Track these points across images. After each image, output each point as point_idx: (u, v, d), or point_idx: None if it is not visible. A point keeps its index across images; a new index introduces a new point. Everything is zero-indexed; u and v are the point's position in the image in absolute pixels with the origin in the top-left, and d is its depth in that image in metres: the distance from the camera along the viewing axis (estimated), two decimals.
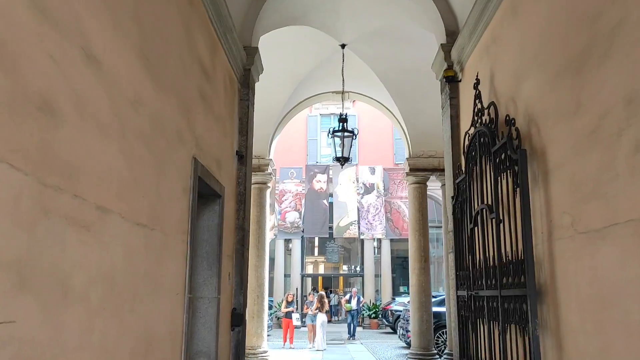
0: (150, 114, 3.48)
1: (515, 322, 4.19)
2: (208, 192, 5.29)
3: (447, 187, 6.73)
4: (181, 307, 4.13)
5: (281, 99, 11.10)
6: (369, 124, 24.17)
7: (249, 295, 11.25)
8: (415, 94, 10.88)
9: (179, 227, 4.10)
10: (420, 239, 11.21)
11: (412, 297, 11.19)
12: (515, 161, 4.17)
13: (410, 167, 11.53)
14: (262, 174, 11.57)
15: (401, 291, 25.33)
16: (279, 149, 24.47)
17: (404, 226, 21.50)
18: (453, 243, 6.29)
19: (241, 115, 6.67)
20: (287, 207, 22.05)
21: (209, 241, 5.41)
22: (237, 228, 6.41)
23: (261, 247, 11.26)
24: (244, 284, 6.35)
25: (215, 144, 5.41)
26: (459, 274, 6.00)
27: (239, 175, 6.52)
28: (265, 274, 11.21)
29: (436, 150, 11.56)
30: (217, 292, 5.34)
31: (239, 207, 6.46)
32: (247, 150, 6.69)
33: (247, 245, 6.63)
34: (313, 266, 27.91)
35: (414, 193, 11.49)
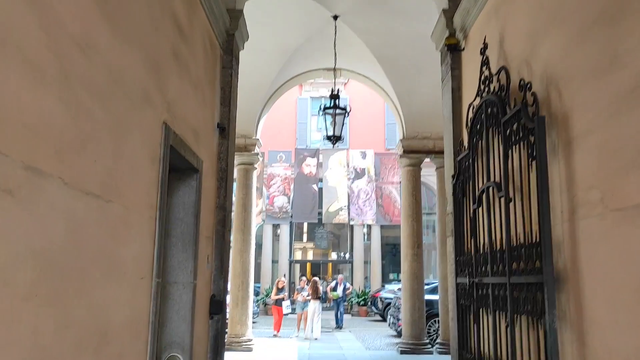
0: (107, 64, 2.91)
1: (527, 313, 3.70)
2: (183, 165, 4.73)
3: (447, 166, 6.22)
4: (147, 293, 3.60)
5: (269, 75, 10.52)
6: (360, 107, 23.58)
7: (233, 281, 10.76)
8: (410, 71, 10.35)
9: (145, 201, 3.55)
10: (413, 224, 10.75)
11: (404, 284, 10.75)
12: (531, 130, 3.66)
13: (404, 149, 11.03)
14: (248, 154, 11.03)
15: (391, 278, 24.96)
16: (268, 132, 23.91)
17: (394, 212, 21.06)
18: (452, 226, 5.80)
19: (223, 85, 6.10)
20: (276, 191, 21.50)
21: (185, 220, 4.87)
22: (218, 207, 5.87)
23: (247, 230, 10.75)
24: (224, 268, 5.82)
25: (192, 112, 4.84)
26: (459, 259, 5.52)
27: (220, 150, 5.97)
28: (250, 259, 10.70)
29: (431, 132, 11.06)
30: (193, 277, 4.81)
31: (220, 185, 5.91)
32: (230, 123, 6.13)
33: (229, 227, 6.09)
34: (302, 252, 27.45)
35: (408, 176, 11.00)
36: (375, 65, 10.47)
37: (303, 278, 15.26)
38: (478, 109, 4.90)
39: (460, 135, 5.91)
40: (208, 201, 5.54)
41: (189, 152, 4.62)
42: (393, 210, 21.11)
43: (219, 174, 5.92)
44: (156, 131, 3.77)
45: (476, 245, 4.90)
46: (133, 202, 3.31)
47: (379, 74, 10.71)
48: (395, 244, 27.65)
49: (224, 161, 5.96)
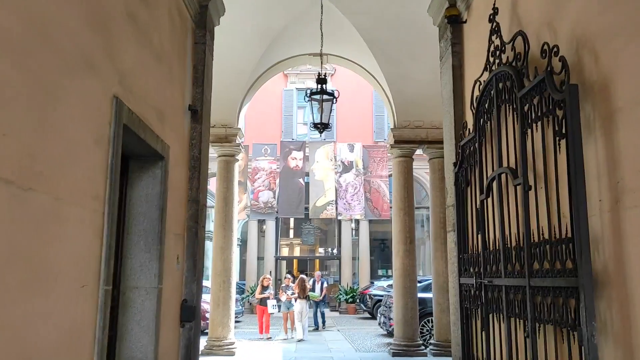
0: (25, 10, 2.22)
1: (554, 323, 3.08)
2: (145, 151, 4.04)
3: (447, 153, 5.59)
4: (91, 304, 2.92)
5: (250, 60, 9.81)
6: (348, 98, 22.84)
7: (213, 280, 10.07)
8: (402, 55, 9.70)
9: (87, 191, 2.86)
10: (405, 219, 10.13)
11: (396, 281, 10.13)
12: (559, 103, 3.03)
13: (394, 139, 10.39)
14: (229, 146, 10.33)
15: (380, 274, 24.41)
16: (252, 125, 23.15)
17: (384, 207, 20.45)
18: (454, 220, 5.18)
19: (196, 62, 5.40)
20: (260, 185, 20.76)
21: (148, 215, 4.18)
22: (190, 201, 5.18)
23: (228, 226, 10.06)
24: (197, 269, 5.14)
25: (155, 89, 4.15)
26: (462, 257, 4.90)
27: (192, 135, 5.28)
28: (232, 256, 10.01)
29: (423, 121, 10.44)
30: (157, 280, 4.12)
31: (193, 175, 5.22)
32: (204, 106, 5.44)
33: (203, 223, 5.41)
34: (288, 248, 26.78)
35: (399, 167, 10.37)
36: (364, 49, 9.80)
37: (288, 276, 14.53)
38: (486, 85, 4.27)
39: (463, 117, 5.28)
40: (178, 193, 4.86)
41: (151, 135, 3.93)
42: (382, 205, 20.49)
43: (190, 163, 5.23)
44: (103, 105, 3.08)
45: (484, 242, 4.28)
46: (68, 191, 2.62)
47: (369, 59, 10.05)
48: (384, 239, 27.08)
49: (196, 148, 5.27)
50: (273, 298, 13.35)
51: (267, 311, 13.18)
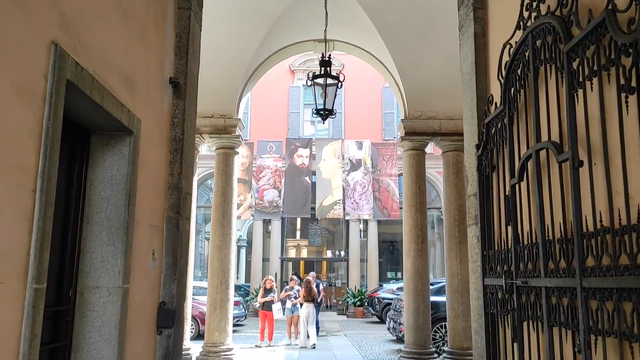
0: None
1: (619, 335, 2.35)
2: (106, 123, 3.36)
3: (467, 135, 4.85)
4: (13, 307, 2.23)
5: (250, 45, 9.14)
6: (356, 95, 22.29)
7: (210, 282, 9.38)
8: (413, 40, 8.99)
9: (7, 160, 2.17)
10: (417, 216, 9.40)
11: (407, 284, 9.40)
12: (626, 48, 2.30)
13: (405, 130, 9.67)
14: (228, 137, 9.66)
15: (389, 277, 23.66)
16: (258, 122, 22.52)
17: (393, 206, 19.70)
18: (476, 211, 4.44)
19: (180, 30, 4.72)
20: (265, 184, 20.07)
21: (112, 201, 3.49)
22: (170, 188, 4.49)
23: (226, 224, 9.39)
24: (179, 266, 4.45)
25: (121, 50, 3.47)
26: (486, 254, 4.16)
27: (174, 112, 4.59)
28: (231, 256, 9.33)
29: (436, 111, 9.72)
30: (123, 279, 3.43)
31: (174, 159, 4.53)
32: (189, 80, 4.75)
33: (187, 214, 4.72)
34: (295, 250, 26.10)
35: (410, 161, 9.65)
36: (372, 34, 9.10)
37: (294, 277, 13.75)
38: (519, 45, 3.54)
39: (486, 92, 4.55)
40: (154, 178, 4.17)
41: (113, 102, 3.24)
42: (391, 205, 19.74)
43: (171, 144, 4.54)
44: (35, 52, 2.40)
45: (516, 234, 3.55)
46: None
47: (377, 44, 9.35)
48: (393, 240, 26.32)
49: (179, 127, 4.58)
50: (278, 301, 12.45)
51: (272, 316, 12.25)
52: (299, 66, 22.87)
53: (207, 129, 9.62)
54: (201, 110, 9.74)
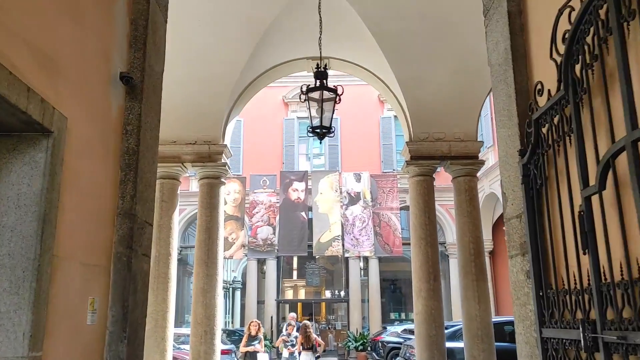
0: None
1: None
2: (5, 116, 2.32)
3: (503, 141, 3.80)
4: None
5: (236, 64, 8.23)
6: (352, 126, 21.44)
7: (193, 331, 8.18)
8: (418, 53, 8.11)
9: None
10: (427, 250, 8.30)
11: (418, 329, 8.22)
12: None
13: (411, 154, 8.67)
14: (214, 166, 8.64)
15: (392, 318, 22.26)
16: (250, 156, 21.52)
17: (395, 242, 18.54)
18: (522, 238, 3.38)
19: (135, 16, 3.73)
20: (259, 221, 18.92)
21: (17, 230, 2.43)
22: (121, 215, 3.41)
23: (212, 263, 8.27)
24: (130, 320, 3.33)
25: (36, 18, 2.46)
26: (544, 295, 3.07)
27: (126, 117, 3.56)
28: (216, 300, 8.18)
29: (444, 132, 8.75)
30: (28, 345, 2.33)
31: (126, 177, 3.47)
32: (148, 79, 3.74)
33: (144, 249, 3.62)
34: (292, 291, 24.73)
35: (418, 188, 8.61)
36: (372, 48, 8.22)
37: (292, 322, 12.43)
38: (588, 5, 2.56)
39: (528, 82, 3.55)
40: (94, 201, 3.11)
41: (14, 83, 2.21)
42: (393, 240, 18.57)
43: (123, 158, 3.49)
44: None
45: (596, 267, 2.48)
46: None
47: (378, 60, 8.45)
48: (396, 279, 25.00)
49: (133, 137, 3.54)
50: (264, 351, 10.75)
51: None
52: (292, 98, 22.06)
53: (189, 157, 8.61)
54: (183, 136, 8.77)
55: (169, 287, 8.14)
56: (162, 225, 8.29)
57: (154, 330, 7.86)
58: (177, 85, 8.25)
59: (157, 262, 8.15)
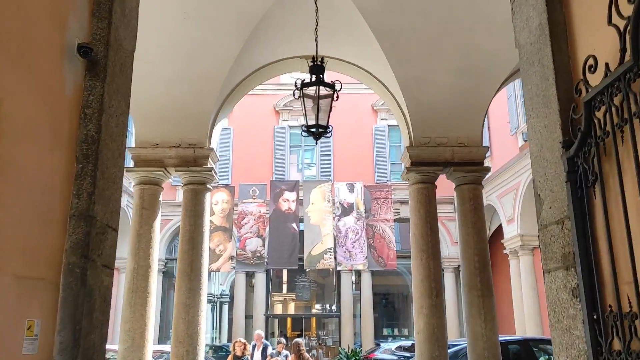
0: None
1: None
2: None
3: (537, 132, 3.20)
4: None
5: (225, 62, 7.63)
6: (345, 136, 20.87)
7: (174, 351, 7.50)
8: (420, 51, 7.57)
9: None
10: (429, 264, 7.69)
11: (420, 348, 7.58)
12: None
13: (411, 160, 8.09)
14: (199, 171, 8.00)
15: (385, 334, 21.57)
16: (239, 166, 20.86)
17: (389, 255, 17.92)
18: (567, 248, 2.78)
19: None
20: (248, 232, 18.22)
21: None
22: (75, 217, 2.78)
23: (195, 276, 7.60)
24: (83, 347, 2.67)
25: None
26: (600, 318, 2.47)
27: (85, 98, 2.93)
28: (200, 317, 7.50)
29: (447, 137, 8.18)
30: None
31: (83, 171, 2.84)
32: (114, 55, 3.13)
33: (105, 260, 2.98)
34: (281, 305, 23.97)
35: (418, 197, 8.03)
36: (371, 46, 7.66)
37: (282, 340, 11.71)
38: None
39: (569, 61, 2.97)
40: (36, 198, 2.48)
41: None
42: (387, 253, 17.95)
43: (80, 148, 2.86)
44: None
45: None
46: None
47: (376, 59, 7.90)
48: (389, 293, 24.33)
49: (92, 122, 2.91)
50: None
51: None
52: (284, 106, 21.52)
53: (173, 161, 7.97)
54: (166, 139, 8.12)
55: (149, 302, 7.46)
56: (142, 235, 7.62)
57: (131, 350, 7.18)
58: (160, 84, 7.66)
59: (136, 274, 7.49)
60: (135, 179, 7.92)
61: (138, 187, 7.88)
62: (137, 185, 7.91)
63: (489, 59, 7.55)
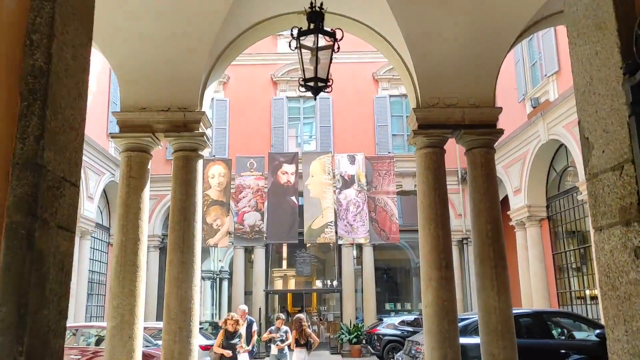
0: None
1: None
2: None
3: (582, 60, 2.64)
4: None
5: (216, 16, 7.00)
6: (345, 106, 20.30)
7: (166, 328, 7.02)
8: (429, 3, 6.94)
9: None
10: (438, 233, 7.20)
11: (428, 323, 7.12)
12: None
13: (418, 123, 7.53)
14: (190, 136, 7.46)
15: (387, 309, 21.27)
16: (236, 138, 20.26)
17: (392, 228, 17.48)
18: (627, 198, 2.26)
19: None
20: (246, 206, 17.73)
21: None
22: (19, 165, 2.24)
23: (188, 249, 7.13)
24: (32, 326, 2.16)
25: None
26: None
27: (31, 20, 2.37)
28: (193, 292, 7.04)
29: (457, 98, 7.59)
30: None
31: (28, 109, 2.29)
32: None
33: (61, 221, 2.44)
34: (281, 281, 23.64)
35: (426, 162, 7.48)
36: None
37: (281, 316, 11.28)
38: None
39: None
40: None
41: None
42: (390, 226, 17.50)
43: (26, 81, 2.31)
44: None
45: None
46: None
47: (380, 12, 7.27)
48: (391, 267, 23.98)
49: (40, 50, 2.35)
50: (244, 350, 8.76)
51: None
52: (281, 77, 20.86)
53: (162, 126, 7.41)
54: (154, 102, 7.53)
55: (138, 277, 6.99)
56: (130, 205, 7.11)
57: (120, 328, 6.73)
58: (146, 42, 7.07)
59: (124, 248, 7.00)
60: (121, 146, 7.37)
61: (125, 154, 7.34)
62: (124, 152, 7.37)
63: (503, 11, 6.94)
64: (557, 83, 14.14)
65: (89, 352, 11.53)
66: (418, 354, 8.64)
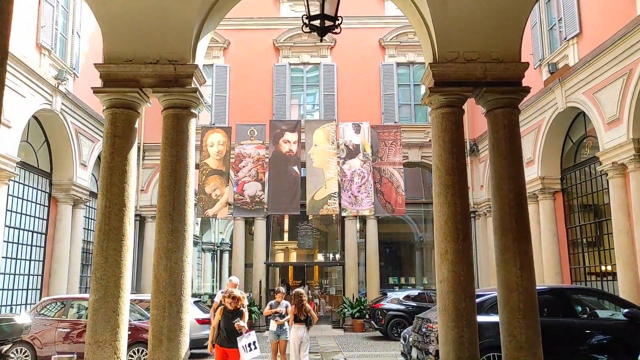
0: None
1: None
2: None
3: None
4: None
5: None
6: (350, 74, 19.47)
7: (154, 302, 6.38)
8: None
9: None
10: (455, 201, 6.51)
11: (442, 299, 6.47)
12: None
13: (435, 80, 6.76)
14: (181, 92, 6.73)
15: (390, 283, 20.77)
16: (237, 105, 19.44)
17: (398, 200, 16.80)
18: None
19: None
20: (246, 176, 17.05)
21: None
22: None
23: (178, 216, 6.48)
24: None
25: None
26: None
27: None
28: (184, 263, 6.40)
29: (478, 52, 6.81)
30: None
31: None
32: None
33: None
34: (283, 254, 23.12)
35: (444, 123, 6.74)
36: None
37: (281, 289, 10.67)
38: None
39: None
40: None
41: None
42: (396, 198, 16.82)
43: None
44: None
45: None
46: None
47: None
48: (395, 241, 23.44)
49: None
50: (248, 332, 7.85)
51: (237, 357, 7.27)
52: (284, 42, 19.95)
53: (150, 81, 6.67)
54: (141, 53, 6.72)
55: (124, 246, 6.33)
56: (115, 167, 6.42)
57: (104, 301, 6.11)
58: None
59: (108, 214, 6.33)
60: (105, 102, 6.64)
61: (109, 111, 6.61)
62: (107, 109, 6.64)
63: None
64: (577, 46, 13.27)
65: (80, 325, 10.98)
66: (429, 332, 8.03)
